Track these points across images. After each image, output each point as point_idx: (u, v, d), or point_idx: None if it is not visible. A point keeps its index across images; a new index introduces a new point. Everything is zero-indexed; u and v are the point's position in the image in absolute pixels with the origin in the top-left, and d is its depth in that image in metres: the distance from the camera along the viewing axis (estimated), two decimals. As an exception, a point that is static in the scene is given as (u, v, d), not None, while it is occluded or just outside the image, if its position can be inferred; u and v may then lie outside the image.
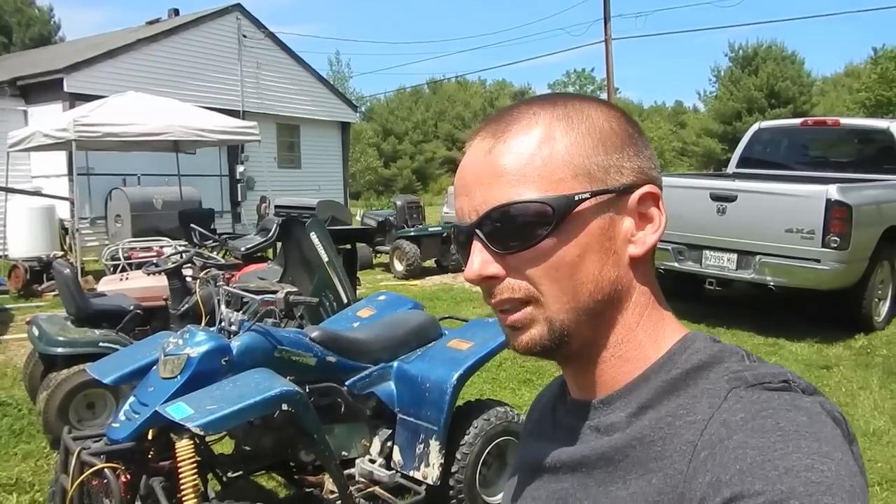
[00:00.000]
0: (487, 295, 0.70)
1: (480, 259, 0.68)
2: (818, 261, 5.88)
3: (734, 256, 6.36)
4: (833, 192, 5.81)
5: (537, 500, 0.74)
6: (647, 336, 0.70)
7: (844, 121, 8.06)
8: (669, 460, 0.61)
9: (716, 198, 6.33)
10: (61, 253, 10.40)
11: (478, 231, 0.68)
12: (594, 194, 0.66)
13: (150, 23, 17.41)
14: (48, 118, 11.28)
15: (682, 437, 0.61)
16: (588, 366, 0.71)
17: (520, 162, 0.67)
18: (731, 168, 8.33)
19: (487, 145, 0.69)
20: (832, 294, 6.22)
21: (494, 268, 0.67)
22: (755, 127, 8.46)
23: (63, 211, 11.98)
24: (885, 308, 6.70)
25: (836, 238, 5.77)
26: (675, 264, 6.62)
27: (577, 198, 0.66)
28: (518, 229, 0.66)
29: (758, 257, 6.20)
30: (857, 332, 6.35)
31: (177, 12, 17.51)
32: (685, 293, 6.92)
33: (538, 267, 0.66)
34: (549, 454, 0.75)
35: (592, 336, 0.69)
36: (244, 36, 16.56)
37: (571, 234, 0.66)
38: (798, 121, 8.52)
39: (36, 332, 4.38)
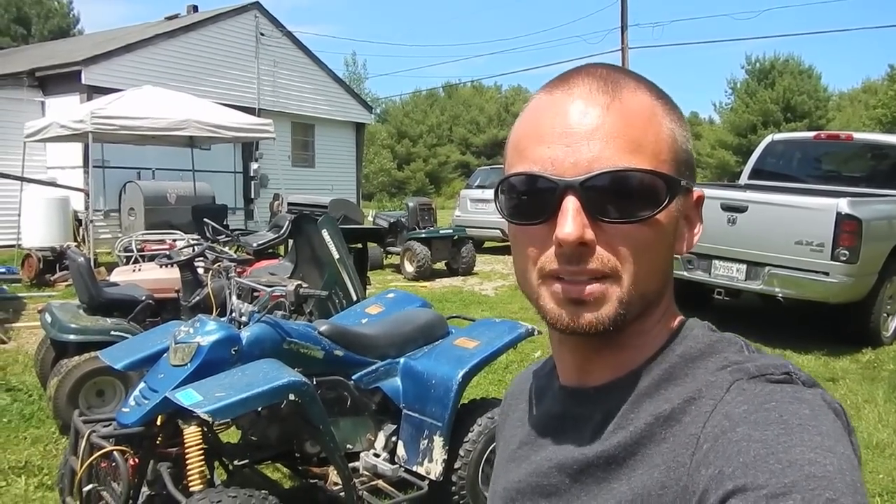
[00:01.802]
0: (567, 261, 0.63)
1: (580, 221, 0.61)
2: (827, 273, 5.87)
3: (743, 267, 6.36)
4: (844, 205, 5.80)
5: (522, 492, 0.72)
6: (665, 329, 0.70)
7: (858, 135, 8.03)
8: (673, 454, 0.60)
9: (727, 208, 6.34)
10: (74, 244, 10.50)
11: (582, 189, 0.62)
12: (686, 184, 0.66)
13: (169, 18, 17.58)
14: (65, 110, 11.41)
15: (687, 430, 0.61)
16: (606, 350, 0.69)
17: (638, 129, 0.63)
18: (744, 179, 8.33)
19: (602, 100, 0.64)
20: (840, 307, 6.20)
21: (591, 234, 0.62)
22: (768, 139, 8.45)
23: (77, 202, 12.10)
24: (893, 323, 6.67)
25: (845, 251, 5.76)
26: (685, 273, 6.63)
27: (682, 183, 0.65)
28: (628, 199, 0.62)
29: (767, 268, 6.20)
30: (865, 346, 6.32)
31: (196, 9, 17.67)
32: (694, 302, 6.92)
33: (633, 243, 0.63)
34: (538, 446, 0.73)
35: (631, 323, 0.66)
36: (262, 34, 16.69)
37: (667, 219, 0.65)
38: (811, 134, 8.50)
39: (48, 318, 4.45)
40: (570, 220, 0.61)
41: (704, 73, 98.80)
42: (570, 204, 0.62)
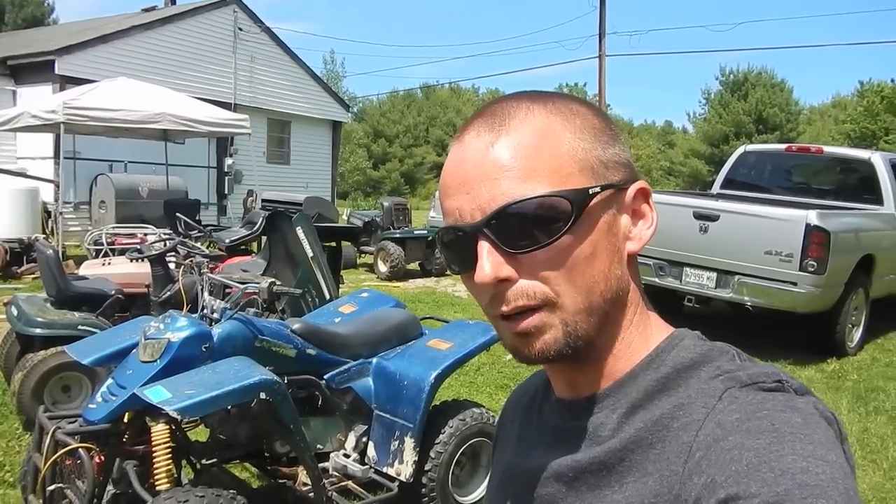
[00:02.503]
0: (497, 302, 0.65)
1: (492, 261, 0.63)
2: (795, 284, 5.97)
3: (714, 275, 6.45)
4: (813, 217, 5.91)
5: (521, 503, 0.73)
6: (639, 334, 0.70)
7: (828, 149, 8.20)
8: (666, 462, 0.61)
9: (699, 216, 6.42)
10: (43, 236, 10.31)
11: (486, 231, 0.63)
12: (604, 188, 0.65)
13: (146, 10, 17.33)
14: (37, 99, 11.19)
15: (679, 438, 0.61)
16: (582, 364, 0.69)
17: (528, 156, 0.64)
18: (716, 188, 8.45)
19: (487, 139, 0.65)
20: (807, 317, 6.32)
21: (508, 270, 0.63)
22: (741, 150, 8.59)
23: (47, 194, 11.87)
24: (857, 334, 6.81)
25: (813, 262, 5.87)
26: (656, 280, 6.71)
27: (590, 191, 0.64)
28: (533, 226, 0.63)
29: (736, 277, 6.29)
30: (830, 356, 6.44)
31: (173, 1, 17.45)
32: (664, 309, 6.85)
33: (554, 266, 0.63)
34: (535, 457, 0.74)
35: (595, 336, 0.67)
36: (240, 29, 16.55)
37: (585, 231, 0.64)
38: (783, 146, 8.66)
39: (14, 311, 4.36)
40: (484, 263, 0.63)
41: (679, 83, 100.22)
42: (481, 247, 0.63)
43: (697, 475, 0.57)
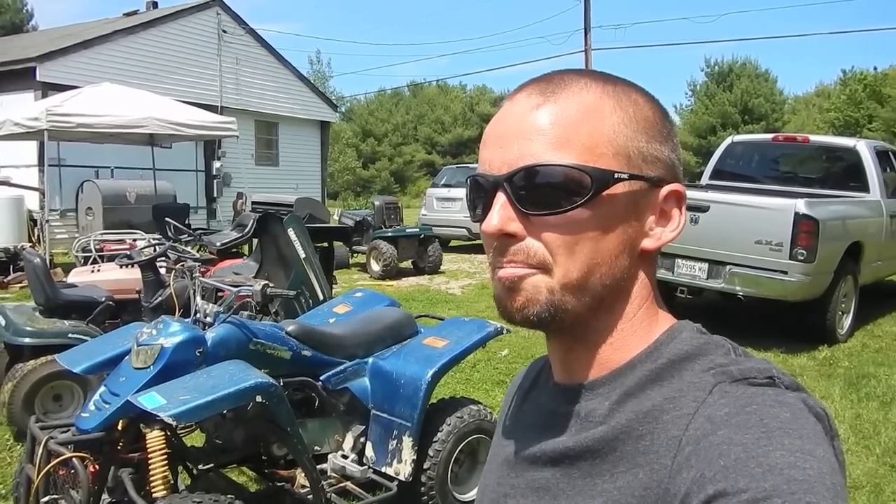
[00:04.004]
0: (498, 252, 0.67)
1: (503, 214, 0.65)
2: (785, 272, 6.00)
3: (705, 266, 6.47)
4: (801, 206, 5.94)
5: (516, 488, 0.73)
6: (641, 328, 0.70)
7: (814, 138, 8.24)
8: (655, 455, 0.61)
9: (689, 207, 6.31)
10: (29, 244, 10.21)
11: (506, 185, 0.65)
12: (632, 177, 0.66)
13: (128, 14, 17.21)
14: (19, 107, 11.08)
15: (668, 431, 0.61)
16: (578, 346, 0.70)
17: (566, 126, 0.65)
18: (705, 180, 8.47)
19: (535, 101, 0.67)
20: (798, 306, 6.35)
21: (515, 226, 0.65)
22: (728, 140, 8.61)
23: (32, 202, 11.76)
24: (847, 321, 6.85)
25: (802, 251, 5.90)
26: (648, 272, 6.71)
27: (615, 175, 0.65)
28: (550, 192, 0.64)
29: (728, 267, 6.32)
30: (822, 343, 6.47)
31: (155, 5, 17.34)
32: None
33: (560, 235, 0.65)
34: (529, 441, 0.74)
35: (589, 319, 0.68)
36: (224, 31, 16.46)
37: (600, 212, 0.65)
38: (770, 136, 8.69)
39: (2, 321, 4.30)
40: (494, 213, 0.65)
41: (665, 75, 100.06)
42: (497, 199, 0.66)
43: (686, 469, 0.57)
